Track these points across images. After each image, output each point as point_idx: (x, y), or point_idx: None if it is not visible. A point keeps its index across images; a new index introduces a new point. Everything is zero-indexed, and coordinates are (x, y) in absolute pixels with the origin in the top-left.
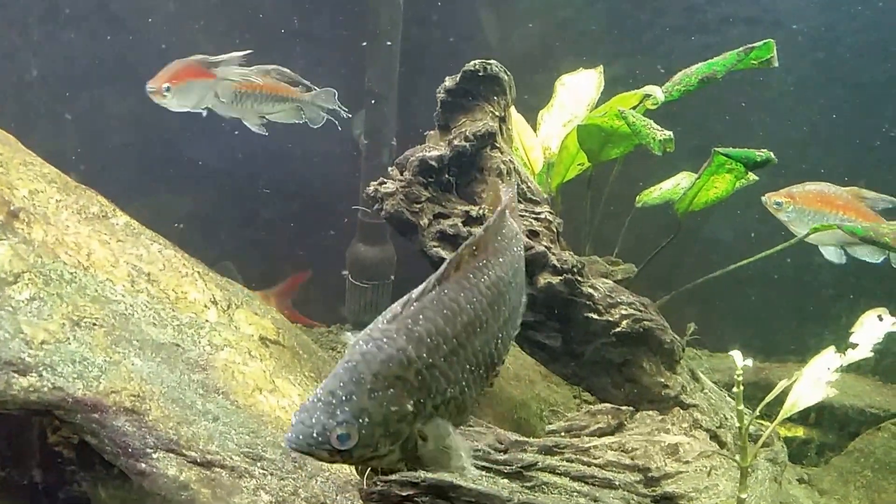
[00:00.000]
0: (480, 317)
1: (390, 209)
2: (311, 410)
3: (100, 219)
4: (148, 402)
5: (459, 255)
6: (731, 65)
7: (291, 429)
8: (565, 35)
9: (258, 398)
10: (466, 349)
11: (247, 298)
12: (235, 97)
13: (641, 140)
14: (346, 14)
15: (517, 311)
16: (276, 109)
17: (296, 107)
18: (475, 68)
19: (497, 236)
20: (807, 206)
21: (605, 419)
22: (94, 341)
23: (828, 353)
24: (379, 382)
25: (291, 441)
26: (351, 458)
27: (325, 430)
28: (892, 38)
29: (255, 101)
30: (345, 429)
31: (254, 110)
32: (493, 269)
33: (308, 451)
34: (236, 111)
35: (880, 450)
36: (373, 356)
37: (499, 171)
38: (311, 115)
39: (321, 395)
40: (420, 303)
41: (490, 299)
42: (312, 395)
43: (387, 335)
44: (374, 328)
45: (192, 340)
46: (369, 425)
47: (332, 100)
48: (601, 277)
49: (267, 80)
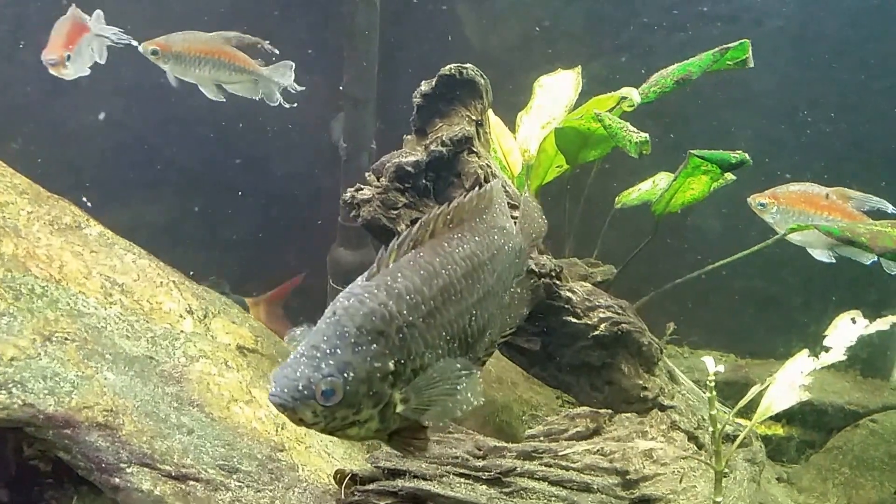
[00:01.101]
0: (455, 285)
1: (367, 216)
2: (295, 365)
3: (72, 230)
4: (121, 416)
5: (433, 222)
6: (707, 65)
7: (275, 384)
8: (544, 35)
9: (234, 410)
10: (442, 314)
11: (224, 307)
12: (191, 62)
13: (618, 143)
14: (323, 16)
15: (497, 300)
16: (232, 79)
17: (252, 80)
18: (451, 72)
19: (476, 218)
20: (791, 207)
21: (583, 423)
22: (65, 356)
23: (801, 357)
24: (362, 336)
25: (276, 396)
26: (333, 420)
27: (310, 384)
28: (871, 35)
29: (212, 68)
30: (329, 384)
31: (210, 77)
32: (469, 244)
33: (293, 406)
34: (192, 76)
35: (858, 447)
36: (355, 310)
37: (476, 175)
38: (267, 92)
39: (304, 350)
40: (397, 263)
41: (465, 270)
42: (295, 351)
43: (368, 291)
44: (353, 286)
45: (167, 352)
46: (354, 381)
47: (289, 75)
48: (580, 280)
49: (226, 47)
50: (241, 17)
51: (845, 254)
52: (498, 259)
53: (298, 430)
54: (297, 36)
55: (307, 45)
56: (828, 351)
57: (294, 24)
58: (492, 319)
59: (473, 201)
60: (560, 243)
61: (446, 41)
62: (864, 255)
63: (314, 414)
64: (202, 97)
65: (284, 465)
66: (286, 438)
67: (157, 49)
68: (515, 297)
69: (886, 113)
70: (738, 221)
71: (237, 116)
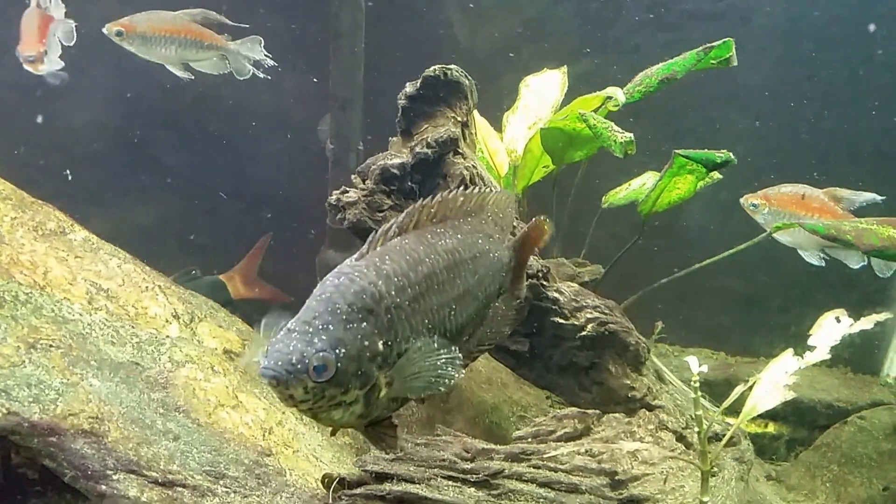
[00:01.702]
0: (437, 275)
1: (353, 218)
2: (287, 340)
3: (57, 235)
4: (107, 423)
5: (418, 213)
6: (691, 65)
7: (267, 357)
8: (531, 34)
9: (220, 415)
10: (426, 300)
11: (211, 311)
12: (157, 42)
13: (603, 143)
14: (309, 17)
15: (478, 304)
16: (200, 56)
17: (220, 55)
18: (435, 74)
19: (461, 217)
20: (782, 208)
21: (571, 423)
22: (50, 363)
23: (786, 357)
24: (353, 314)
25: (269, 369)
26: (321, 399)
27: (303, 358)
28: (855, 32)
29: (179, 47)
30: (322, 359)
31: (176, 56)
32: (451, 240)
33: (286, 380)
34: (158, 56)
35: (846, 444)
36: (346, 288)
37: (462, 177)
38: (237, 66)
39: (295, 325)
40: (384, 247)
41: (446, 263)
42: (284, 327)
43: (357, 270)
44: (342, 266)
45: (152, 358)
46: (345, 358)
47: (258, 49)
48: (568, 280)
49: (191, 25)
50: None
51: (836, 256)
52: (480, 262)
53: (285, 435)
54: (283, 36)
55: (292, 46)
56: (812, 350)
57: (279, 25)
58: (470, 321)
59: (458, 200)
60: (548, 243)
61: (433, 41)
62: (852, 257)
63: (305, 390)
64: (186, 97)
65: (272, 469)
66: (273, 443)
67: (122, 30)
68: (499, 312)
69: (873, 109)
70: (727, 219)
71: (225, 117)
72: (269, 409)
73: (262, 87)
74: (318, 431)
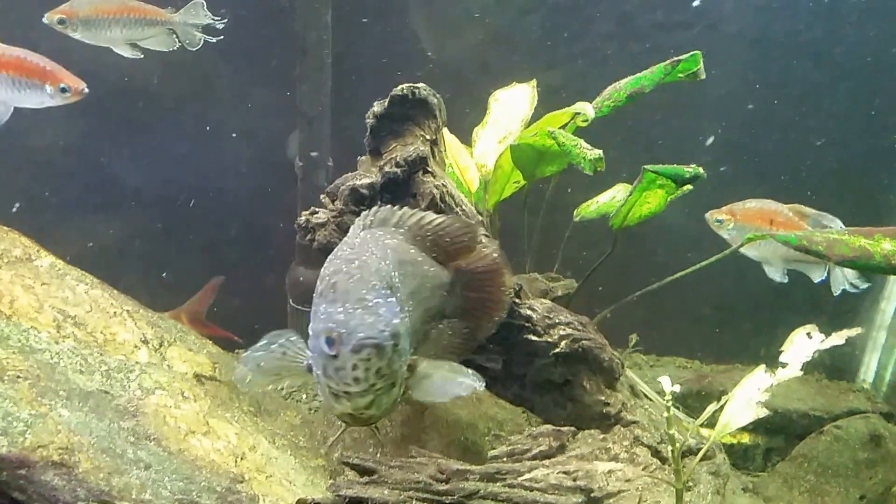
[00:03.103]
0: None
1: (322, 240)
2: (360, 315)
3: (23, 262)
4: (77, 454)
5: (371, 218)
6: (659, 78)
7: (357, 330)
8: (499, 46)
9: (192, 442)
10: (400, 289)
11: (180, 334)
12: (101, 25)
13: (572, 160)
14: (275, 33)
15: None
16: (146, 34)
17: (167, 30)
18: (403, 93)
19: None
20: (747, 223)
21: (546, 441)
22: (18, 395)
23: (758, 373)
24: (387, 291)
25: (369, 338)
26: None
27: (385, 326)
28: (825, 39)
29: (124, 27)
30: (395, 327)
31: (123, 37)
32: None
33: (384, 345)
34: (104, 40)
35: (823, 454)
36: (369, 268)
37: (431, 195)
38: (186, 38)
39: (350, 305)
40: (361, 238)
41: (400, 259)
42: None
43: (362, 253)
44: (340, 254)
45: (122, 385)
46: (402, 326)
47: (203, 13)
48: (541, 295)
49: (133, 3)
50: None
51: (799, 269)
52: (418, 268)
53: (258, 460)
54: (248, 52)
55: (258, 62)
56: (784, 367)
57: (244, 41)
58: (415, 328)
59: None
60: (520, 257)
61: (401, 55)
62: (815, 271)
63: (388, 361)
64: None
65: (245, 496)
66: (246, 469)
67: (64, 17)
68: (444, 336)
69: (844, 115)
70: (700, 228)
71: (190, 133)
72: (240, 433)
73: (229, 101)
74: (290, 455)
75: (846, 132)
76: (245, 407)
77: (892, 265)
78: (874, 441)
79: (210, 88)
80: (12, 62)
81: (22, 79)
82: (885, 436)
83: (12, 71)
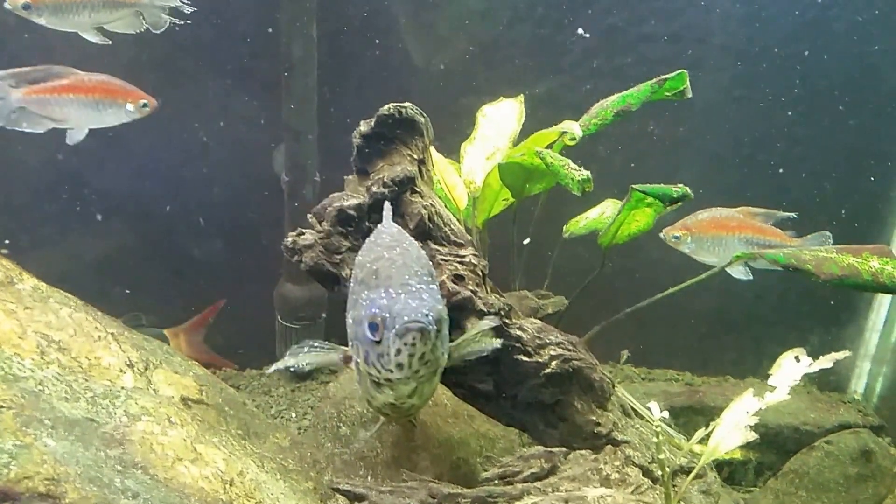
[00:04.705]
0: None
1: (310, 262)
2: (404, 299)
3: (4, 286)
4: (63, 484)
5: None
6: (646, 97)
7: (402, 314)
8: (487, 59)
9: (179, 469)
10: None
11: (166, 356)
12: (68, 10)
13: (560, 181)
14: (260, 48)
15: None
16: (113, 17)
17: (134, 13)
18: (390, 112)
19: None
20: (704, 234)
21: (538, 463)
22: (2, 426)
23: (747, 397)
24: (429, 277)
25: (416, 321)
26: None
27: (431, 310)
28: (813, 49)
29: (91, 11)
30: (439, 312)
31: (90, 21)
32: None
33: (429, 329)
34: (70, 25)
35: (814, 469)
36: (411, 255)
37: (420, 216)
38: (153, 20)
39: (395, 292)
40: (397, 228)
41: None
42: (380, 294)
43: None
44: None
45: (108, 412)
46: (444, 311)
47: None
48: (531, 313)
49: None
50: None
51: (758, 267)
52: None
53: (247, 485)
54: (233, 67)
55: (243, 77)
56: (773, 390)
57: (229, 55)
58: None
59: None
60: (510, 274)
61: (387, 68)
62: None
63: (432, 345)
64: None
65: None
66: (235, 495)
67: (29, 2)
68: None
69: (830, 128)
70: None
71: (177, 148)
72: (228, 459)
73: (215, 115)
74: (280, 479)
75: (832, 144)
76: (233, 430)
77: (880, 282)
78: (865, 456)
79: (195, 102)
80: (98, 86)
81: (106, 100)
82: (875, 451)
83: (98, 94)
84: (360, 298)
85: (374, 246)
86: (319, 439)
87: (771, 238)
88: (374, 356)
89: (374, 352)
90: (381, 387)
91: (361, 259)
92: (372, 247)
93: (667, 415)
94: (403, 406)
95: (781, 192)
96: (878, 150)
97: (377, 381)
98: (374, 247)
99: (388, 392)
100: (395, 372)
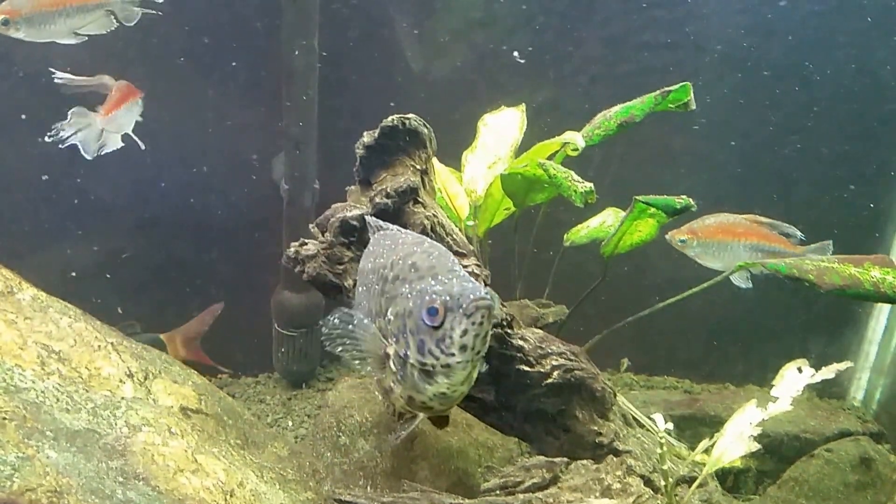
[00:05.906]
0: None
1: (312, 272)
2: (458, 282)
3: (4, 296)
4: (66, 496)
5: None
6: (650, 108)
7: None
8: (487, 67)
9: (180, 481)
10: None
11: (165, 365)
12: (44, 20)
13: (562, 192)
14: (260, 57)
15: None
16: (87, 20)
17: (106, 12)
18: (393, 123)
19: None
20: (710, 239)
21: (539, 473)
22: (4, 437)
23: (749, 408)
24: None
25: (483, 298)
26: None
27: (484, 291)
28: (812, 58)
29: (66, 18)
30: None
31: (66, 28)
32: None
33: (494, 306)
34: (47, 35)
35: (814, 477)
36: (437, 246)
37: (422, 226)
38: (125, 16)
39: (445, 278)
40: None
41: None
42: (430, 282)
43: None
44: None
45: (108, 423)
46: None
47: None
48: (532, 322)
49: None
50: (174, 53)
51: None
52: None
53: (247, 496)
54: (234, 76)
55: (244, 85)
56: (775, 401)
57: (229, 64)
58: None
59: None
60: (511, 283)
61: (387, 76)
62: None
63: (491, 327)
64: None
65: None
66: None
67: (7, 18)
68: None
69: (830, 135)
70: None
71: (176, 156)
72: (228, 469)
73: (214, 123)
74: (279, 489)
75: (833, 153)
76: (232, 440)
77: (882, 292)
78: (864, 464)
79: (195, 110)
80: (128, 89)
81: (136, 101)
82: (875, 458)
83: (134, 97)
84: (403, 292)
85: (396, 246)
86: (318, 449)
87: (776, 245)
88: (431, 343)
89: (433, 338)
90: (434, 376)
91: (386, 261)
92: (394, 247)
93: (671, 426)
94: (454, 395)
95: (781, 201)
96: (879, 159)
97: (431, 370)
98: (397, 247)
99: (441, 381)
100: (458, 355)
